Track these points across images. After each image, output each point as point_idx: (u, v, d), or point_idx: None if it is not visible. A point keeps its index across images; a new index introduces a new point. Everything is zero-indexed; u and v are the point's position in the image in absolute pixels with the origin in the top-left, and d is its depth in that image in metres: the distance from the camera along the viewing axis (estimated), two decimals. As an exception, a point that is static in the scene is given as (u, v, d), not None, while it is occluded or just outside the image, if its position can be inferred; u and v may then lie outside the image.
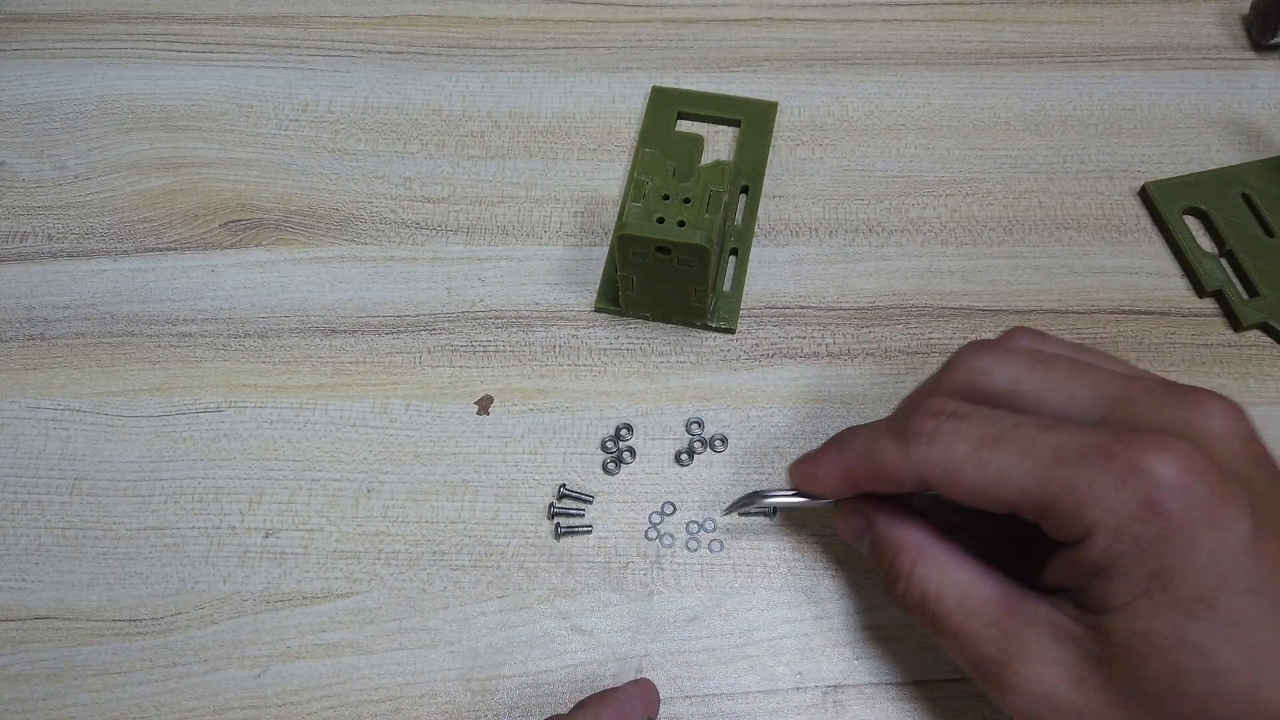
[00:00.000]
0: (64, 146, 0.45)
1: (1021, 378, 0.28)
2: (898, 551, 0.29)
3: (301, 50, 0.48)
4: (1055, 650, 0.26)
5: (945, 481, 0.27)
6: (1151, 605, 0.24)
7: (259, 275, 0.41)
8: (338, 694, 0.33)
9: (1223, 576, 0.23)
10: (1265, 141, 0.44)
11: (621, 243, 0.35)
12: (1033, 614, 0.26)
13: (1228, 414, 0.25)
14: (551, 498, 0.36)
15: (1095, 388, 0.27)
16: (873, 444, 0.29)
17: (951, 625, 0.27)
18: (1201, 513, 0.24)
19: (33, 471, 0.37)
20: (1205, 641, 0.24)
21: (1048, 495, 0.25)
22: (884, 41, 0.48)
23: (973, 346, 0.29)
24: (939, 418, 0.27)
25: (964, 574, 0.28)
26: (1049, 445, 0.25)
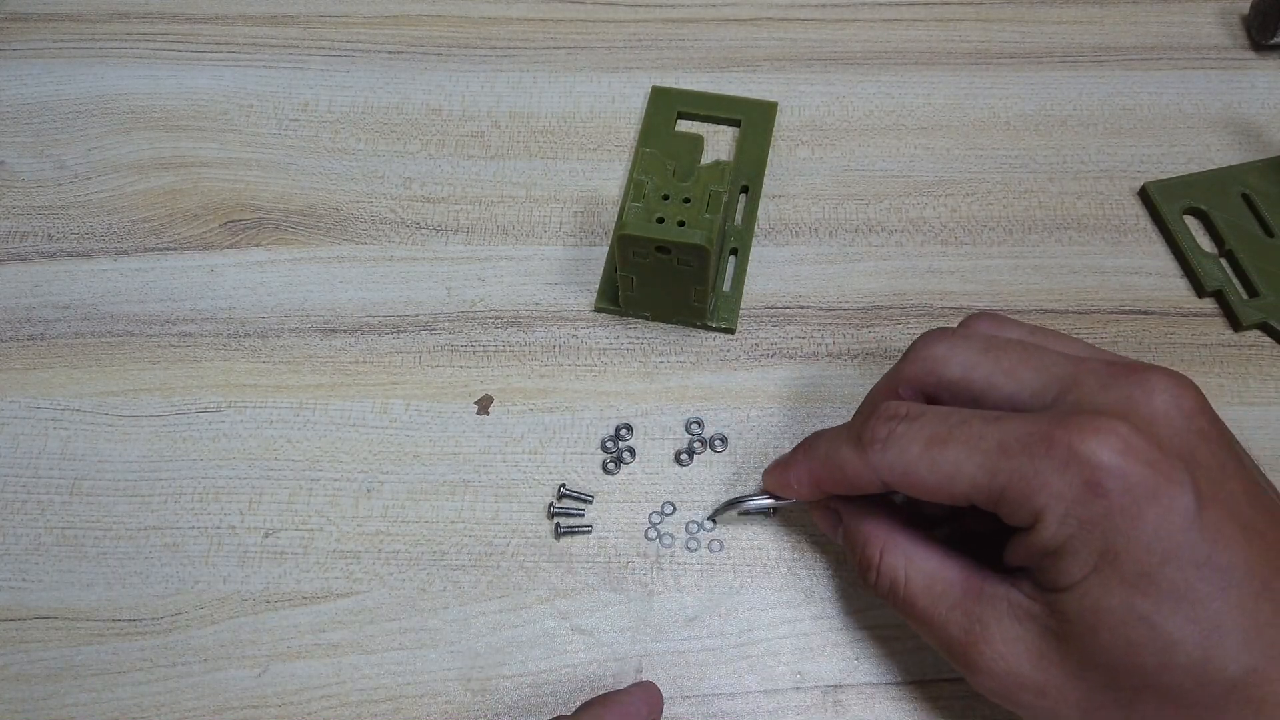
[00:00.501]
0: (64, 146, 0.45)
1: (974, 364, 0.29)
2: (865, 543, 0.30)
3: (301, 50, 0.48)
4: (1015, 629, 0.27)
5: (903, 483, 0.28)
6: (1101, 582, 0.25)
7: (259, 275, 0.41)
8: (338, 694, 0.33)
9: (1167, 551, 0.24)
10: (1265, 141, 0.44)
11: (621, 243, 0.35)
12: (993, 594, 0.27)
13: (1171, 390, 0.26)
14: (551, 498, 0.36)
15: (1043, 370, 0.28)
16: (835, 452, 0.30)
17: (919, 610, 0.29)
18: (1142, 491, 0.24)
19: (33, 471, 0.37)
20: (1154, 615, 0.24)
21: (997, 486, 0.26)
22: (884, 41, 0.48)
23: (929, 335, 0.30)
24: (892, 422, 0.28)
25: (929, 561, 0.29)
26: (994, 438, 0.26)
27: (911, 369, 0.30)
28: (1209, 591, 0.24)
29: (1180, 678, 0.24)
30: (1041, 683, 0.26)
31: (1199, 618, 0.24)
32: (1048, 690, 0.26)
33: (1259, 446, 0.37)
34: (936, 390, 0.29)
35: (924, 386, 0.30)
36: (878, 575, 0.30)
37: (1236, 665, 0.24)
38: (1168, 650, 0.24)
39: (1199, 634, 0.24)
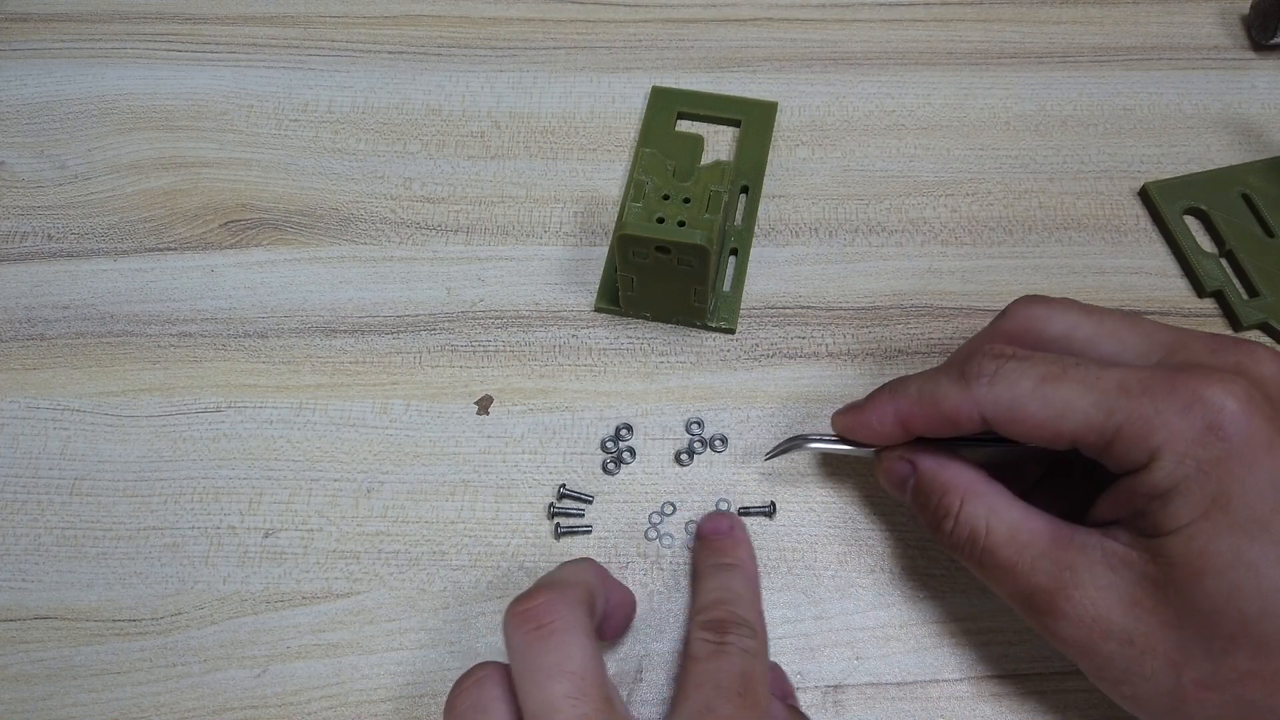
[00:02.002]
0: (64, 146, 0.45)
1: (1077, 324, 0.29)
2: (945, 492, 0.30)
3: (301, 50, 0.48)
4: (1108, 576, 0.26)
5: (1009, 418, 0.28)
6: (1211, 526, 0.25)
7: (259, 275, 0.41)
8: (338, 694, 0.33)
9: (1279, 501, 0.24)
10: (1265, 141, 0.44)
11: (621, 243, 0.35)
12: (1084, 543, 0.27)
13: (1277, 361, 0.27)
14: (551, 498, 0.36)
15: (1148, 335, 0.28)
16: (933, 388, 0.29)
17: (1001, 559, 0.28)
18: (1261, 440, 0.25)
19: (33, 471, 0.37)
20: (1260, 562, 0.24)
21: (1112, 424, 0.26)
22: (884, 41, 0.48)
23: (1027, 297, 0.31)
24: (1000, 360, 0.28)
25: (1013, 511, 0.29)
26: (1113, 379, 0.26)
27: (1010, 325, 0.30)
28: None
29: (1277, 626, 0.24)
30: (1131, 631, 0.26)
31: None
32: (1136, 638, 0.26)
33: (1259, 446, 0.37)
34: (1036, 348, 0.29)
35: (1022, 344, 0.29)
36: (955, 524, 0.29)
37: None
38: (1270, 597, 0.24)
39: None
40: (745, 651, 0.28)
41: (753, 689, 0.27)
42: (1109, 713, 0.32)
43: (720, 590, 0.31)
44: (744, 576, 0.32)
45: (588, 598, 0.28)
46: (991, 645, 0.33)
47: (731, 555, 0.33)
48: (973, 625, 0.34)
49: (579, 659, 0.26)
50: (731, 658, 0.28)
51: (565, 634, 0.26)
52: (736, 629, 0.29)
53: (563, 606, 0.26)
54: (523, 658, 0.26)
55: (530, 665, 0.25)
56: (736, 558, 0.33)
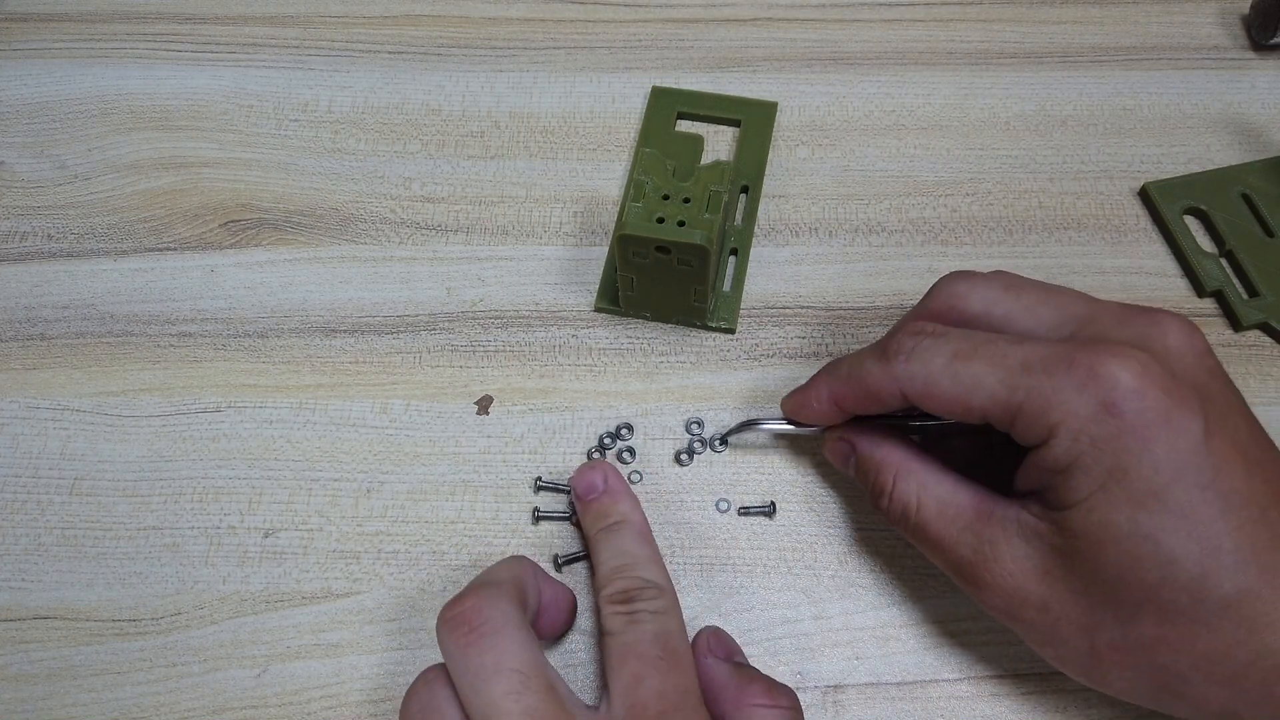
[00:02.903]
0: (64, 146, 0.45)
1: (995, 300, 0.30)
2: (879, 469, 0.31)
3: (301, 50, 0.48)
4: (1023, 548, 0.28)
5: (924, 394, 0.29)
6: (1108, 498, 0.26)
7: (259, 275, 0.41)
8: (338, 694, 0.33)
9: (1175, 473, 0.25)
10: (1265, 141, 0.44)
11: (621, 243, 0.35)
12: (1003, 516, 0.28)
13: (1183, 330, 0.27)
14: (537, 502, 0.36)
15: (1061, 308, 0.29)
16: (859, 367, 0.31)
17: (932, 533, 0.30)
18: (1156, 414, 0.25)
19: (33, 471, 0.37)
20: (1157, 532, 0.25)
21: (1015, 401, 0.27)
22: (884, 41, 0.48)
23: (952, 274, 0.32)
24: (917, 337, 0.29)
25: (942, 485, 0.30)
26: (1017, 356, 0.27)
27: (934, 303, 0.31)
28: (1210, 514, 0.25)
29: (1178, 594, 0.25)
30: (1045, 599, 0.27)
31: (1199, 537, 0.25)
32: (1051, 606, 0.27)
33: (1259, 446, 0.37)
34: (958, 324, 0.30)
35: (945, 321, 0.31)
36: (890, 501, 0.31)
37: (1232, 584, 0.25)
38: (1168, 566, 0.25)
39: (1198, 552, 0.25)
40: (656, 614, 0.29)
41: (672, 648, 0.28)
42: (1109, 713, 0.32)
43: (616, 556, 0.31)
44: (633, 532, 0.32)
45: (518, 594, 0.28)
46: (991, 645, 0.33)
47: (614, 513, 0.33)
48: (973, 625, 0.34)
49: (515, 655, 0.26)
50: (645, 625, 0.29)
51: (498, 633, 0.26)
52: (642, 593, 0.30)
53: (492, 606, 0.27)
54: (460, 662, 0.26)
55: (468, 669, 0.26)
56: (620, 514, 0.33)
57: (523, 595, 0.29)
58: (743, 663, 0.32)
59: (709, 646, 0.31)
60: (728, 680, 0.30)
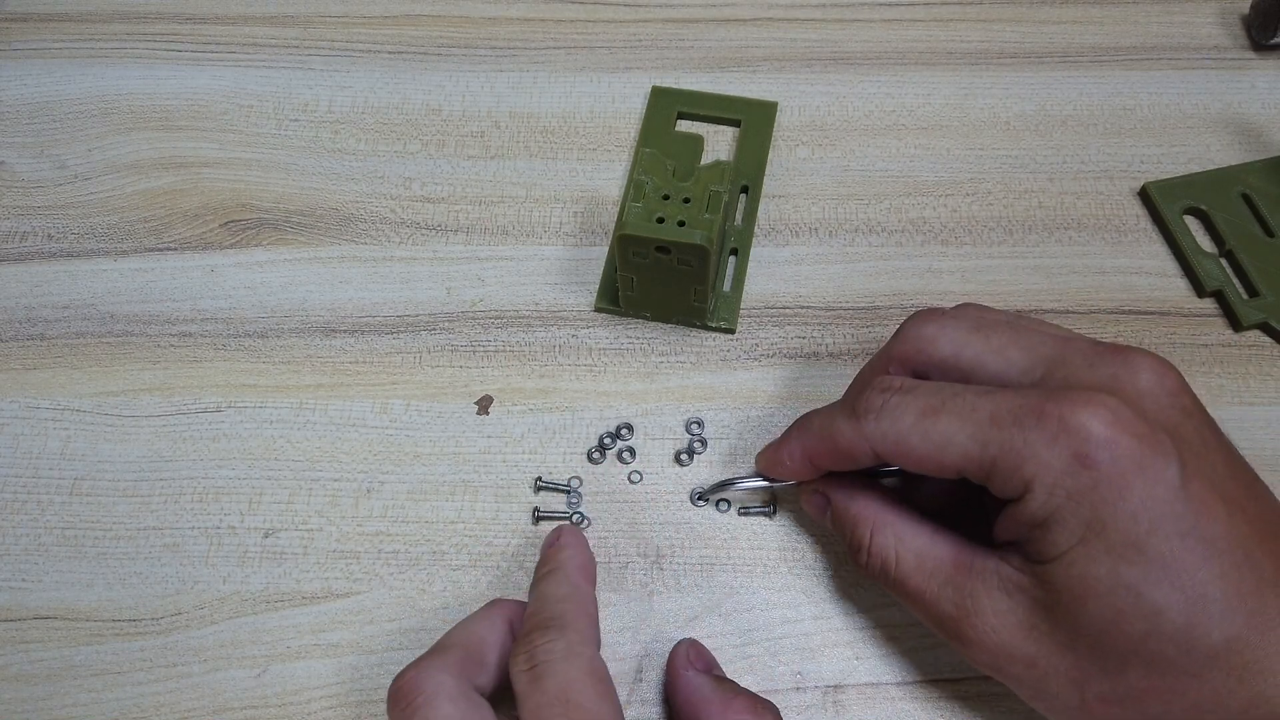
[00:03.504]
0: (64, 146, 0.45)
1: (964, 343, 0.29)
2: (856, 524, 0.31)
3: (301, 50, 0.48)
4: (1005, 602, 0.27)
5: (895, 452, 0.28)
6: (1087, 552, 0.25)
7: (259, 275, 0.41)
8: (338, 694, 0.33)
9: (1153, 521, 0.25)
10: (1265, 141, 0.44)
11: (621, 243, 0.35)
12: (983, 569, 0.28)
13: (1155, 369, 0.27)
14: (538, 503, 0.36)
15: (1030, 350, 0.28)
16: (830, 425, 0.30)
17: (911, 588, 0.29)
18: (1130, 463, 0.25)
19: (33, 471, 0.37)
20: (1140, 584, 0.25)
21: (988, 456, 0.26)
22: (884, 41, 0.48)
23: (918, 315, 0.31)
24: (886, 394, 0.29)
25: (919, 538, 0.29)
26: (986, 410, 0.27)
27: (902, 347, 0.31)
28: (1193, 561, 0.25)
29: (1165, 645, 0.25)
30: (1032, 654, 0.27)
31: (1184, 586, 0.25)
32: (1038, 661, 0.27)
33: (1259, 446, 0.37)
34: (926, 369, 0.30)
35: (914, 365, 0.30)
36: (869, 556, 0.30)
37: (1220, 633, 0.24)
38: (1153, 618, 0.25)
39: (1183, 602, 0.25)
40: (553, 660, 0.27)
41: (574, 699, 0.26)
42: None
43: (534, 603, 0.30)
44: (559, 576, 0.31)
45: (462, 662, 0.28)
46: (991, 645, 0.33)
47: (552, 561, 0.32)
48: (973, 625, 0.34)
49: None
50: (544, 680, 0.27)
51: (428, 707, 0.26)
52: (542, 636, 0.28)
53: (427, 678, 0.27)
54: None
55: None
56: (557, 562, 0.32)
57: (471, 660, 0.28)
58: (722, 676, 0.31)
59: (689, 659, 0.31)
60: (711, 694, 0.29)
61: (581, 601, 0.30)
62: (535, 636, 0.28)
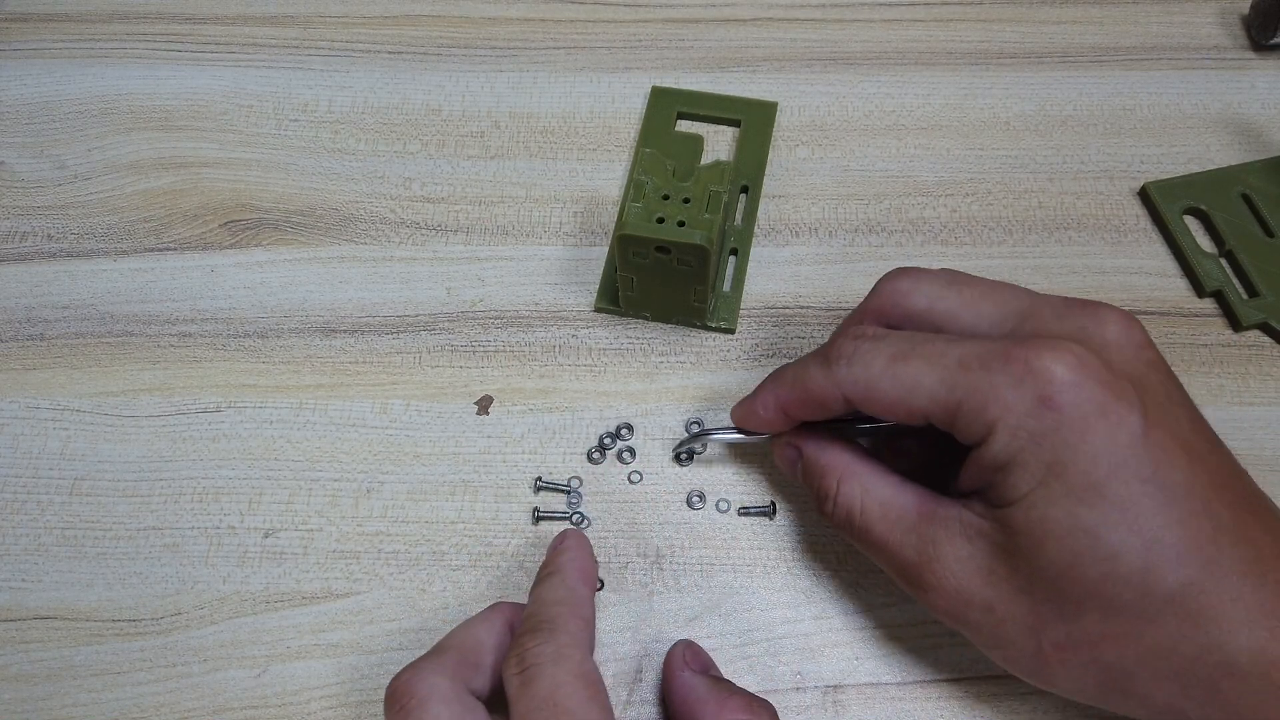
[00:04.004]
0: (64, 146, 0.45)
1: (937, 296, 0.30)
2: (823, 474, 0.31)
3: (301, 50, 0.48)
4: (966, 548, 0.27)
5: (865, 397, 0.29)
6: (1047, 494, 0.25)
7: (259, 275, 0.41)
8: (338, 694, 0.33)
9: (1113, 466, 0.25)
10: (1265, 141, 0.44)
11: (621, 243, 0.35)
12: (945, 516, 0.28)
13: (1122, 322, 0.27)
14: (538, 503, 0.36)
15: (1002, 303, 0.29)
16: (803, 373, 0.31)
17: (875, 536, 0.30)
18: (1093, 407, 0.25)
19: (33, 471, 0.37)
20: (1097, 526, 0.25)
21: (954, 400, 0.27)
22: (884, 41, 0.48)
23: (895, 271, 0.32)
24: (858, 340, 0.29)
25: (885, 488, 0.30)
26: (955, 355, 0.27)
27: (877, 300, 0.31)
28: (1151, 506, 0.25)
29: (1121, 589, 0.25)
30: (990, 599, 0.27)
31: (1141, 530, 0.25)
32: (995, 606, 0.27)
33: (1259, 446, 0.37)
34: (901, 322, 0.31)
35: (889, 318, 0.31)
36: (835, 505, 0.31)
37: (1175, 577, 0.25)
38: (1110, 561, 0.25)
39: (1140, 546, 0.25)
40: (542, 664, 0.27)
41: (562, 704, 0.26)
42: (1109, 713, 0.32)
43: (530, 606, 0.30)
44: (557, 580, 0.31)
45: (457, 664, 0.28)
46: (991, 645, 0.33)
47: (551, 565, 0.32)
48: (973, 625, 0.34)
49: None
50: (533, 684, 0.26)
51: (420, 709, 0.27)
52: (532, 639, 0.28)
53: (421, 681, 0.27)
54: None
55: None
56: (556, 565, 0.32)
57: (466, 663, 0.28)
58: (718, 676, 0.31)
59: (684, 660, 0.31)
60: (706, 694, 0.29)
61: (576, 605, 0.30)
62: (526, 639, 0.28)
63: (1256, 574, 0.25)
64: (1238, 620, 0.25)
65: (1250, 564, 0.25)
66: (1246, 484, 0.27)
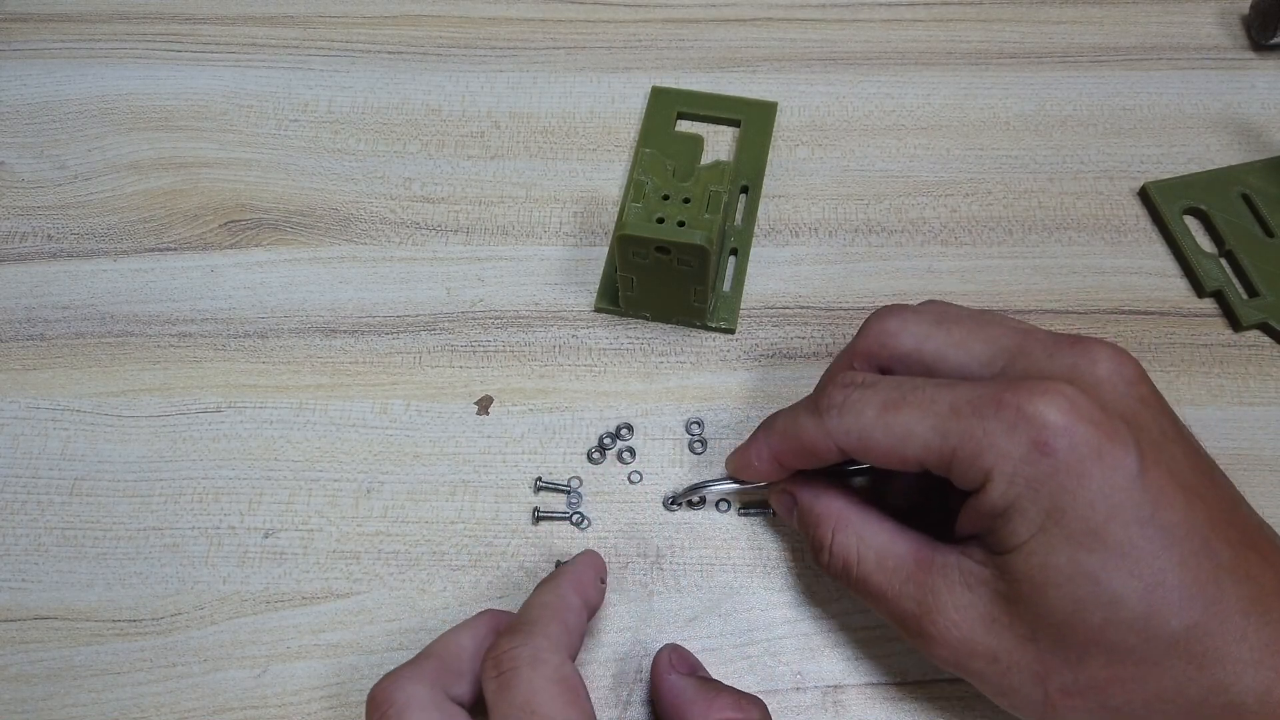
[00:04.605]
0: (64, 146, 0.45)
1: (926, 336, 0.29)
2: (818, 523, 0.31)
3: (301, 50, 0.48)
4: (966, 596, 0.27)
5: (859, 447, 0.28)
6: (1047, 540, 0.25)
7: (259, 275, 0.41)
8: (338, 694, 0.33)
9: (1111, 509, 0.25)
10: (1265, 141, 0.44)
11: (621, 243, 0.35)
12: (944, 564, 0.28)
13: (1113, 359, 0.27)
14: (538, 503, 0.36)
15: (991, 342, 0.29)
16: (794, 423, 0.30)
17: (873, 586, 0.29)
18: (1088, 450, 0.25)
19: (33, 471, 0.37)
20: (1099, 571, 0.25)
21: (948, 447, 0.26)
22: (884, 41, 0.48)
23: (882, 310, 0.31)
24: (848, 389, 0.29)
25: (880, 536, 0.29)
26: (946, 401, 0.27)
27: (865, 342, 0.31)
28: (1151, 549, 0.25)
29: (1125, 633, 0.25)
30: (994, 648, 0.27)
31: (1142, 573, 0.25)
32: (999, 655, 0.27)
33: (1259, 446, 0.37)
34: (890, 363, 0.30)
35: (878, 360, 0.30)
36: (830, 555, 0.30)
37: (1178, 620, 0.25)
38: (1112, 606, 0.25)
39: (1142, 589, 0.25)
40: (519, 667, 0.26)
41: (539, 710, 0.26)
42: (1109, 713, 0.32)
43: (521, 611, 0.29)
44: (547, 585, 0.30)
45: (437, 672, 0.28)
46: (991, 645, 0.33)
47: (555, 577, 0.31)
48: (973, 625, 0.34)
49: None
50: (509, 688, 0.26)
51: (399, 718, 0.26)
52: (509, 641, 0.27)
53: (397, 690, 0.27)
54: None
55: None
56: (555, 573, 0.31)
57: (448, 669, 0.28)
58: (706, 676, 0.31)
59: (671, 663, 0.31)
60: (694, 695, 0.29)
61: (559, 608, 0.29)
62: (503, 641, 0.27)
63: (1259, 611, 0.25)
64: (1243, 661, 0.24)
65: (1253, 602, 0.25)
66: (1246, 516, 0.27)
